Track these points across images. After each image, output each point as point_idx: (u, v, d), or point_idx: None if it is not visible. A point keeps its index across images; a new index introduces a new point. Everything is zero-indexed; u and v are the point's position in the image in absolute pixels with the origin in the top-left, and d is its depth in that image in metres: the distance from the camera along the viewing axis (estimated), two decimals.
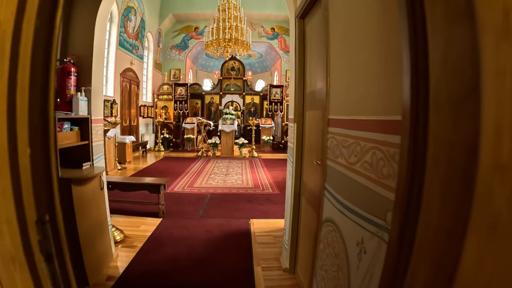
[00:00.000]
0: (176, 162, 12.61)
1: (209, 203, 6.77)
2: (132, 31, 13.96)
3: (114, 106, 12.09)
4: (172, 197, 7.19)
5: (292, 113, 3.82)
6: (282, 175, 10.01)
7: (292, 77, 3.88)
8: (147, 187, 5.71)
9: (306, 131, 3.39)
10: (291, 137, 3.83)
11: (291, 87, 3.94)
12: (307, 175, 3.34)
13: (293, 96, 3.79)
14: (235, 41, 11.88)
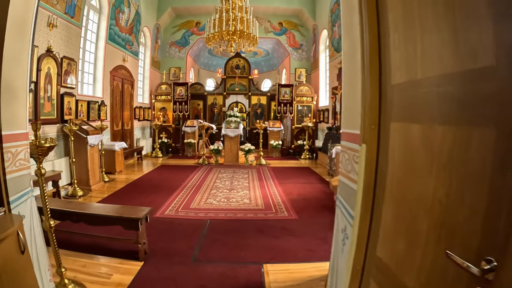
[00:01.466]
0: (174, 171, 11.10)
1: (208, 235, 5.21)
2: (125, 24, 12.46)
3: (102, 108, 10.59)
4: (161, 224, 5.66)
5: (350, 123, 2.37)
6: (297, 190, 8.50)
7: (347, 58, 2.46)
8: (120, 222, 4.16)
9: (394, 162, 1.79)
10: (348, 167, 2.36)
11: (346, 76, 2.50)
12: (389, 247, 1.80)
13: (352, 93, 2.35)
14: (240, 34, 10.34)
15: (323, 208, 6.98)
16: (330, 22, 14.09)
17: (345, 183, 2.38)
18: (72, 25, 8.83)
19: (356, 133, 2.16)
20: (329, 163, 10.96)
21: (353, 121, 2.25)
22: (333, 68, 13.91)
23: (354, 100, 2.21)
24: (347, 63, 2.44)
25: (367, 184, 2.00)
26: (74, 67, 8.90)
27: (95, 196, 7.62)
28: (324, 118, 15.18)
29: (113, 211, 4.34)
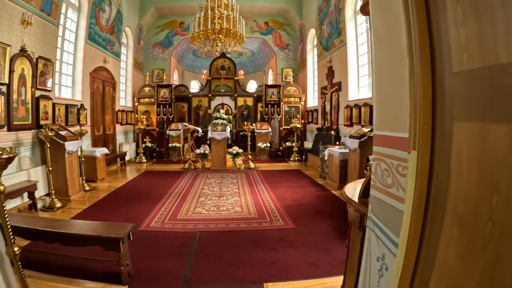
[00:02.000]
0: (159, 177, 10.57)
1: (199, 250, 4.73)
2: (106, 23, 11.89)
3: (82, 112, 10.01)
4: (146, 239, 5.15)
5: (389, 123, 1.91)
6: (289, 195, 8.07)
7: (379, 39, 2.01)
8: (99, 242, 3.65)
9: (461, 175, 1.32)
10: (388, 180, 1.86)
11: (379, 63, 2.02)
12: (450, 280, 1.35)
13: (390, 83, 1.90)
14: (226, 33, 9.87)
15: (319, 214, 6.58)
16: (318, 20, 13.73)
17: (382, 200, 1.88)
18: (49, 23, 8.25)
19: (399, 136, 1.69)
20: (321, 165, 10.56)
21: (393, 120, 1.79)
22: (322, 67, 13.56)
23: (395, 93, 1.75)
24: (379, 46, 1.96)
25: (419, 202, 1.55)
26: (50, 68, 8.33)
27: (75, 208, 7.07)
28: (313, 119, 14.83)
29: (91, 230, 3.83)
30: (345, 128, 10.88)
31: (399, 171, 1.71)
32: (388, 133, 1.84)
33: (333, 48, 12.20)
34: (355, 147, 8.08)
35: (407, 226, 1.61)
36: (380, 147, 1.93)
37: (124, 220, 6.11)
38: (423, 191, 1.55)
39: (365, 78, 10.48)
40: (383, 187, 1.87)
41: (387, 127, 1.87)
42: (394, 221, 1.75)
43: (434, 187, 1.51)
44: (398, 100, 1.72)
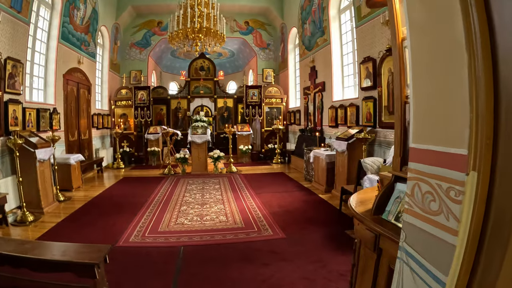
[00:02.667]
0: (138, 184, 10.09)
1: (184, 269, 4.32)
2: (80, 22, 11.32)
3: (55, 116, 9.46)
4: (126, 256, 4.71)
5: (435, 135, 1.53)
6: (276, 200, 7.73)
7: (417, 33, 1.64)
8: (71, 268, 3.20)
9: None
10: (433, 206, 1.46)
11: (417, 61, 1.66)
12: None
13: (433, 85, 1.54)
14: (206, 32, 9.46)
15: (309, 221, 6.28)
16: (300, 19, 13.44)
17: (423, 229, 1.49)
18: (19, 21, 7.71)
19: (452, 153, 1.32)
20: (306, 168, 10.25)
21: (442, 131, 1.42)
22: (304, 67, 13.27)
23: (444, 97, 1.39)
24: (418, 40, 1.58)
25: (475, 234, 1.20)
26: (20, 70, 7.77)
27: (48, 221, 6.54)
28: (296, 120, 14.53)
29: (62, 254, 3.37)
30: (330, 129, 10.59)
31: (451, 196, 1.34)
32: (433, 148, 1.46)
33: (316, 47, 11.91)
34: (343, 149, 7.78)
35: (459, 263, 1.27)
36: (420, 164, 1.55)
37: (101, 234, 5.68)
38: (480, 221, 1.21)
39: (350, 78, 10.21)
40: (425, 214, 1.50)
41: (431, 140, 1.49)
42: (439, 256, 1.39)
43: (494, 216, 1.17)
44: (449, 105, 1.36)
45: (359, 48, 8.87)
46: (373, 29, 8.06)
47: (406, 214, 1.67)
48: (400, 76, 2.39)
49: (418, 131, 1.61)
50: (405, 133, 2.40)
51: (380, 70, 7.64)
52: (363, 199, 2.92)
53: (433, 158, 1.46)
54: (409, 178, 1.63)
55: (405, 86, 2.39)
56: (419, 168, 1.56)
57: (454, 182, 1.32)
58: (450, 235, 1.33)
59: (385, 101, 7.51)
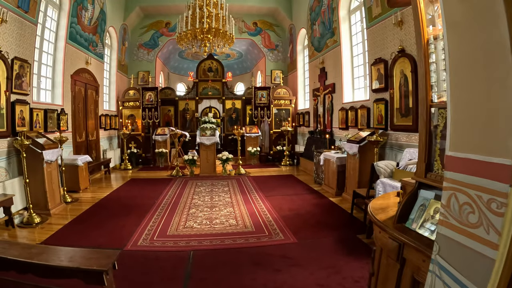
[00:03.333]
0: (146, 186, 10.02)
1: (194, 274, 4.20)
2: (88, 23, 11.28)
3: (62, 117, 9.40)
4: (134, 261, 4.61)
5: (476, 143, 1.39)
6: (286, 204, 7.61)
7: (459, 32, 1.49)
8: (78, 274, 3.11)
9: None
10: (471, 218, 1.33)
11: (457, 62, 1.52)
12: None
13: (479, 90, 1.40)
14: (214, 33, 9.36)
15: (320, 225, 6.15)
16: (309, 20, 13.32)
17: (459, 242, 1.38)
18: (26, 21, 7.66)
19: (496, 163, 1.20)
20: (316, 170, 10.12)
21: (484, 139, 1.30)
22: (313, 68, 13.13)
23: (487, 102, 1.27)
24: (458, 41, 1.45)
25: None
26: (28, 70, 7.72)
27: (55, 223, 6.47)
28: (305, 122, 14.37)
29: (70, 259, 3.27)
30: (340, 131, 10.44)
31: (492, 208, 1.22)
32: (473, 156, 1.34)
33: (326, 48, 11.79)
34: (354, 152, 7.65)
35: (497, 279, 1.15)
36: (457, 173, 1.43)
37: (109, 237, 5.59)
38: None
39: (361, 80, 10.07)
40: (462, 226, 1.39)
41: (471, 148, 1.37)
42: (476, 270, 1.28)
43: None
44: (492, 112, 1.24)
45: (370, 49, 8.74)
46: (384, 30, 7.92)
47: (440, 226, 1.55)
48: (425, 78, 2.27)
49: (456, 138, 1.49)
50: (430, 138, 2.29)
51: (392, 71, 7.50)
52: (384, 206, 2.80)
53: (473, 167, 1.35)
54: (445, 188, 1.52)
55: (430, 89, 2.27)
56: (456, 178, 1.44)
57: (496, 193, 1.21)
58: (490, 249, 1.22)
59: (397, 103, 7.37)
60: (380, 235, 2.50)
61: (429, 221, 2.17)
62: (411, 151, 6.20)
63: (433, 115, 2.26)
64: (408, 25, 6.96)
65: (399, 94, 7.31)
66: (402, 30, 7.17)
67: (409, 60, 6.85)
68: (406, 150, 6.33)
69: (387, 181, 5.67)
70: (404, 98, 7.11)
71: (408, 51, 6.97)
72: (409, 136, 6.99)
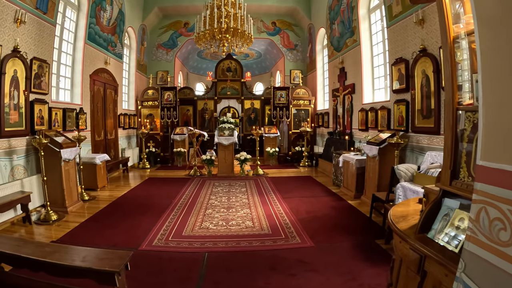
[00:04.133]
0: (163, 185, 10.01)
1: (208, 277, 4.12)
2: (107, 23, 11.34)
3: (81, 116, 9.45)
4: (148, 261, 4.55)
5: (505, 154, 1.26)
6: (304, 206, 7.49)
7: (494, 27, 1.34)
8: (90, 274, 3.06)
9: None
10: (504, 235, 1.23)
11: (488, 63, 1.36)
12: None
13: None
14: (233, 33, 9.28)
15: (338, 228, 6.00)
16: (328, 20, 13.13)
17: (488, 261, 1.25)
18: (45, 22, 7.72)
19: None
20: (335, 172, 9.95)
21: None
22: (333, 68, 12.95)
23: None
24: (489, 42, 1.32)
25: None
26: (46, 70, 7.77)
27: (72, 221, 6.49)
28: (324, 123, 14.18)
29: (82, 259, 3.23)
30: (360, 132, 10.27)
31: None
32: (508, 168, 1.22)
33: (346, 48, 11.60)
34: (374, 154, 7.48)
35: None
36: (489, 185, 1.29)
37: (125, 236, 5.57)
38: None
39: (381, 80, 9.87)
40: (492, 244, 1.26)
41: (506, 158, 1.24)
42: None
43: None
44: None
45: (391, 49, 8.54)
46: (405, 29, 7.73)
47: (467, 242, 1.42)
48: (451, 79, 2.13)
49: (488, 146, 1.34)
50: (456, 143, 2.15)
51: (413, 71, 7.31)
52: (404, 213, 2.67)
53: (507, 179, 1.22)
54: (475, 200, 1.38)
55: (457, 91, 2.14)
56: (487, 190, 1.31)
57: None
58: None
59: (419, 105, 7.19)
60: (400, 245, 2.37)
61: (453, 232, 2.04)
62: (433, 155, 6.03)
63: (459, 118, 2.13)
64: (430, 24, 6.76)
65: (420, 95, 7.13)
66: (424, 28, 6.98)
67: (431, 60, 6.66)
68: (428, 154, 6.15)
69: (408, 185, 5.50)
70: (426, 99, 6.93)
71: (430, 51, 6.78)
72: (430, 139, 6.80)
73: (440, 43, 6.81)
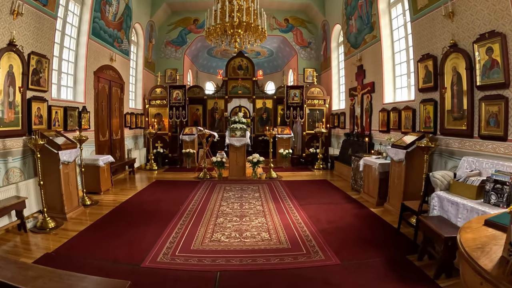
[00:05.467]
0: (170, 188, 9.43)
1: None
2: (113, 18, 10.80)
3: (84, 115, 8.91)
4: (151, 281, 3.95)
5: None
6: (324, 214, 6.87)
7: None
8: None
9: None
10: None
11: None
12: None
13: None
14: (245, 27, 8.66)
15: (364, 242, 5.35)
16: (344, 15, 12.47)
17: None
18: (45, 15, 7.18)
19: None
20: (353, 176, 9.29)
21: None
22: (350, 66, 12.28)
23: None
24: None
25: None
26: (46, 66, 7.23)
27: (71, 229, 5.93)
28: (340, 123, 13.50)
29: None
30: (380, 134, 9.60)
31: None
32: None
33: (364, 44, 10.94)
34: (400, 159, 6.82)
35: None
36: None
37: (126, 249, 4.98)
38: None
39: (403, 78, 9.21)
40: None
41: None
42: None
43: None
44: None
45: (416, 45, 7.87)
46: (432, 23, 7.08)
47: None
48: None
49: None
50: None
51: (442, 69, 6.64)
52: (478, 243, 2.04)
53: None
54: None
55: None
56: None
57: None
58: None
59: (449, 105, 6.53)
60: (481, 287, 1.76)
61: None
62: (469, 160, 5.36)
63: None
64: (461, 17, 6.11)
65: (450, 94, 6.48)
66: (454, 22, 6.32)
67: (463, 56, 6.01)
68: (464, 159, 5.48)
69: (445, 195, 4.85)
70: (457, 98, 6.28)
71: (462, 46, 6.12)
72: (462, 142, 6.14)
73: (473, 38, 6.31)
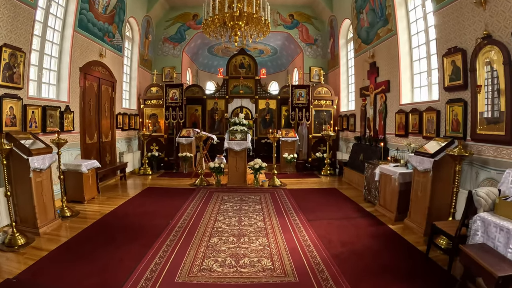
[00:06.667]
0: (162, 197, 8.50)
1: None
2: (103, 11, 9.87)
3: (67, 116, 8.00)
4: None
5: None
6: (336, 233, 5.93)
7: None
8: None
9: None
10: None
11: None
12: None
13: None
14: (247, 19, 7.72)
15: (385, 271, 4.36)
16: (354, 9, 11.52)
17: None
18: (21, 3, 6.36)
19: None
20: (367, 185, 8.31)
21: None
22: (361, 63, 11.31)
23: None
24: None
25: None
26: (21, 60, 6.36)
27: (41, 248, 5.06)
28: (349, 126, 12.50)
29: None
30: (397, 139, 8.62)
31: None
32: None
33: (377, 39, 9.97)
34: (425, 168, 5.85)
35: None
36: None
37: (100, 278, 4.09)
38: None
39: (423, 76, 8.25)
40: None
41: None
42: None
43: None
44: None
45: (441, 37, 6.89)
46: (460, 12, 6.11)
47: None
48: None
49: None
50: None
51: (474, 64, 5.68)
52: None
53: None
54: None
55: None
56: None
57: None
58: None
59: (482, 106, 5.57)
60: None
61: None
62: None
63: None
64: (495, 4, 5.17)
65: (485, 92, 5.52)
66: (487, 10, 5.37)
67: (500, 49, 5.05)
68: (508, 172, 4.45)
69: (491, 218, 3.85)
70: (492, 98, 5.32)
71: (497, 37, 5.17)
72: (498, 150, 5.18)
73: (511, 28, 5.39)
